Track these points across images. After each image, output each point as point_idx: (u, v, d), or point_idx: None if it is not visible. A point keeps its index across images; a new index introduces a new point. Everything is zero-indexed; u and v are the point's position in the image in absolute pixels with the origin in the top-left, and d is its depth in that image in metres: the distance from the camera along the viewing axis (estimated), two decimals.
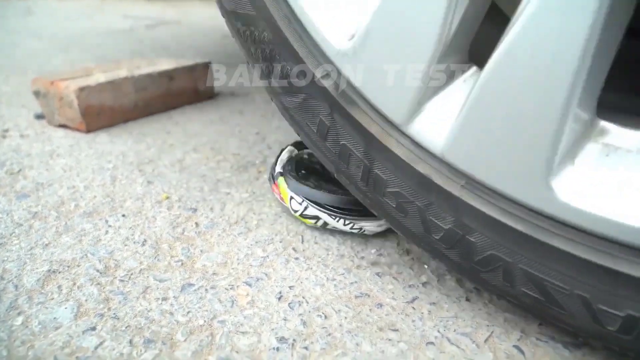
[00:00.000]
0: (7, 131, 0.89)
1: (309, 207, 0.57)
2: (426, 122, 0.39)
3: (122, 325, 0.42)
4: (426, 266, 0.52)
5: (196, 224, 0.60)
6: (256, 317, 0.44)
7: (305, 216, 0.58)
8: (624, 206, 0.32)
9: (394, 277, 0.50)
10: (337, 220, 0.55)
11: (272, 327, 0.43)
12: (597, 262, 0.34)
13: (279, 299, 0.46)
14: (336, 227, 0.56)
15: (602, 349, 0.41)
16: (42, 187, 0.67)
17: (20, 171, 0.72)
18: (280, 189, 0.60)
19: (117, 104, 0.94)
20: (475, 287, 0.49)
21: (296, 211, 0.58)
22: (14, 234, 0.55)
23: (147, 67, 1.03)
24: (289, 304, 0.46)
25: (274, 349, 0.40)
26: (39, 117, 0.96)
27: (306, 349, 0.40)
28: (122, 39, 2.05)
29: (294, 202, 0.58)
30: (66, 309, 0.44)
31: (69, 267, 0.50)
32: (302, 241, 0.57)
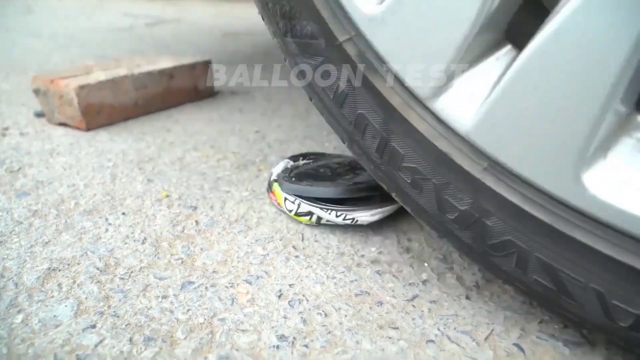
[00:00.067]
0: (7, 129, 0.89)
1: (302, 204, 0.57)
2: (453, 98, 0.37)
3: (122, 323, 0.42)
4: (426, 264, 0.52)
5: (196, 222, 0.60)
6: (256, 315, 0.44)
7: (299, 214, 0.58)
8: None
9: (394, 275, 0.50)
10: (329, 213, 0.55)
11: (272, 325, 0.43)
12: (619, 258, 0.33)
13: (279, 297, 0.46)
14: (330, 221, 0.56)
15: (602, 347, 0.41)
16: (42, 185, 0.67)
17: (20, 169, 0.72)
18: (275, 194, 0.61)
19: (117, 102, 0.93)
20: (475, 285, 0.49)
21: (291, 211, 0.59)
22: (14, 232, 0.55)
23: (147, 65, 1.03)
24: (289, 302, 0.46)
25: (274, 346, 0.40)
26: (39, 115, 0.96)
27: (306, 347, 0.40)
28: (122, 37, 2.05)
29: (288, 203, 0.58)
30: (66, 306, 0.44)
31: (69, 265, 0.50)
32: (302, 239, 0.57)
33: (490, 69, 0.37)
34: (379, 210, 0.55)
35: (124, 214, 0.61)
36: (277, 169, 0.65)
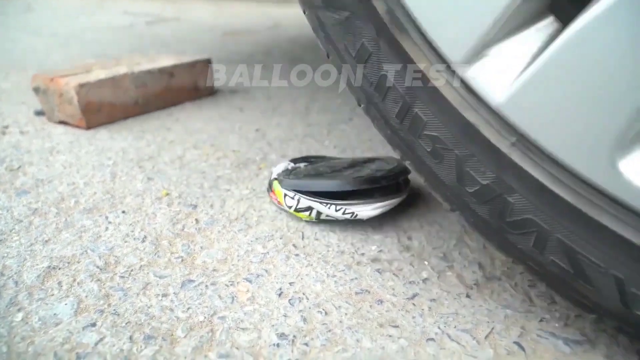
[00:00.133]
0: (7, 128, 0.89)
1: (301, 199, 0.57)
2: (487, 67, 0.35)
3: (122, 321, 0.42)
4: (426, 263, 0.52)
5: (196, 220, 0.60)
6: (256, 313, 0.44)
7: (299, 210, 0.58)
8: None
9: (394, 274, 0.50)
10: (328, 207, 0.55)
11: (273, 323, 0.43)
12: None
13: (279, 295, 0.46)
14: (329, 216, 0.56)
15: (603, 346, 0.41)
16: (42, 184, 0.67)
17: (20, 168, 0.72)
18: (275, 192, 0.61)
19: (117, 100, 0.93)
20: (475, 284, 0.49)
21: (290, 207, 0.59)
22: (14, 231, 0.55)
23: (147, 63, 1.03)
24: (289, 300, 0.46)
25: (274, 345, 0.40)
26: (39, 113, 0.96)
27: (306, 345, 0.40)
28: (122, 36, 2.05)
29: (287, 199, 0.58)
30: (66, 305, 0.44)
31: (69, 263, 0.50)
32: (303, 238, 0.57)
33: (529, 40, 0.34)
34: (379, 204, 0.55)
35: (124, 212, 0.61)
36: (278, 169, 0.65)
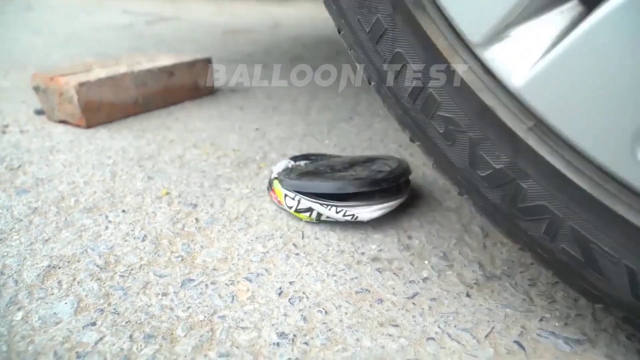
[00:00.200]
0: (7, 127, 0.89)
1: (302, 200, 0.57)
2: (508, 49, 0.35)
3: (122, 320, 0.42)
4: (427, 262, 0.52)
5: (196, 219, 0.60)
6: (256, 312, 0.44)
7: (299, 210, 0.58)
8: None
9: (394, 273, 0.50)
10: (329, 208, 0.55)
11: (273, 322, 0.43)
12: None
13: (280, 294, 0.46)
14: (330, 217, 0.56)
15: (603, 345, 0.41)
16: (42, 183, 0.67)
17: (20, 167, 0.72)
18: (275, 191, 0.61)
19: (117, 99, 0.93)
20: (475, 283, 0.49)
21: (291, 207, 0.58)
22: (14, 230, 0.55)
23: (147, 62, 1.03)
24: (290, 299, 0.46)
25: (274, 344, 0.40)
26: (39, 112, 0.96)
27: (306, 344, 0.40)
28: (122, 35, 2.05)
29: (288, 199, 0.58)
30: (66, 304, 0.44)
31: (69, 262, 0.50)
32: (303, 237, 0.57)
33: (552, 23, 0.33)
34: (380, 206, 0.55)
35: (124, 211, 0.61)
36: (278, 168, 0.65)
